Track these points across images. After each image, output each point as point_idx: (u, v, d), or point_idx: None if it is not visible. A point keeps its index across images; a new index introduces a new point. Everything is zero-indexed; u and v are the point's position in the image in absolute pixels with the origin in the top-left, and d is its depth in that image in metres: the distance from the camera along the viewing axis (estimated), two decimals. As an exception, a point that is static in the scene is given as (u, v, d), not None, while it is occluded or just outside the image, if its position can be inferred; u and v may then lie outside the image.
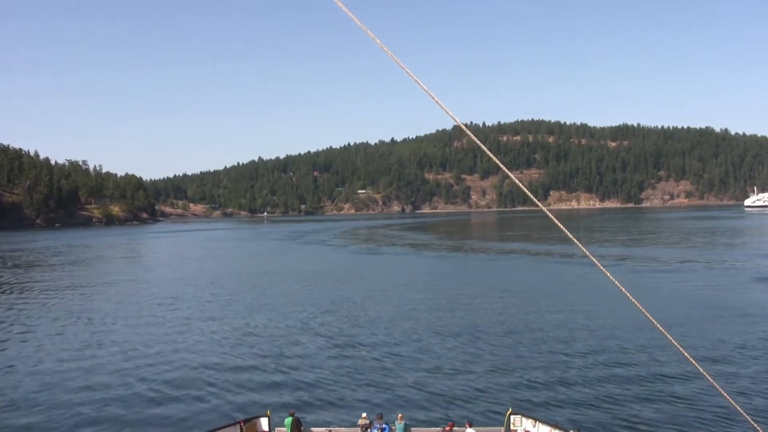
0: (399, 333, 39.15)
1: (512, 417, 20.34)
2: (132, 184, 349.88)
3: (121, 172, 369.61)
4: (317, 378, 29.57)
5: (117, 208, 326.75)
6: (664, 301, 47.86)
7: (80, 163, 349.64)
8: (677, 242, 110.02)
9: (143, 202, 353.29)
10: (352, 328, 41.04)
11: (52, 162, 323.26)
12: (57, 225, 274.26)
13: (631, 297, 11.47)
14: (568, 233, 11.09)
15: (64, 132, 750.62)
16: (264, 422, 20.90)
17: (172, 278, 73.51)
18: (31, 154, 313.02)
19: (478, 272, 73.26)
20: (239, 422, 20.44)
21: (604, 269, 11.41)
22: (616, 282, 11.48)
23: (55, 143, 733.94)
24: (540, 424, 19.93)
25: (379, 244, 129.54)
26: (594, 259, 11.35)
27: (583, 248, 11.26)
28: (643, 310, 11.45)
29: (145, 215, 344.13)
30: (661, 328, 11.72)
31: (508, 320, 42.46)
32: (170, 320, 45.99)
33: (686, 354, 12.01)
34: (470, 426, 19.84)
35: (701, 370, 12.18)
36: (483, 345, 35.46)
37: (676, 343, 11.95)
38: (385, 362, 32.25)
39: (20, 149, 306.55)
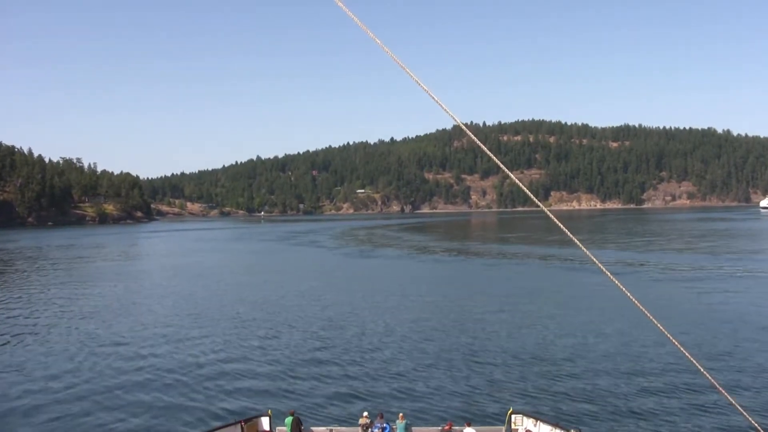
0: (400, 334, 38.76)
1: (513, 416, 20.34)
2: (127, 183, 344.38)
3: (118, 171, 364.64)
4: (318, 378, 29.45)
5: (111, 207, 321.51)
6: (674, 306, 45.67)
7: (74, 160, 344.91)
8: (695, 247, 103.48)
9: (138, 200, 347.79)
10: (352, 330, 40.41)
11: (47, 160, 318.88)
12: (49, 223, 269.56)
13: (630, 295, 11.04)
14: (569, 233, 10.66)
15: (61, 130, 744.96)
16: (265, 422, 20.89)
17: (158, 278, 70.12)
18: (25, 151, 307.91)
19: (478, 275, 70.21)
20: (240, 422, 20.44)
21: (602, 267, 10.88)
22: (616, 281, 11.03)
23: (51, 141, 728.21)
24: (541, 423, 19.89)
25: (375, 245, 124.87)
26: (594, 259, 10.92)
27: (581, 245, 10.70)
28: (642, 308, 11.07)
29: (139, 214, 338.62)
30: (662, 327, 11.26)
31: (509, 322, 41.97)
32: (164, 322, 44.80)
33: (693, 359, 11.70)
34: (469, 425, 19.88)
35: (708, 376, 11.83)
36: (484, 345, 35.29)
37: (678, 344, 11.44)
38: (386, 362, 32.00)
39: (13, 146, 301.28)
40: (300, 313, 46.60)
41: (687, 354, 11.49)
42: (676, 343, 11.32)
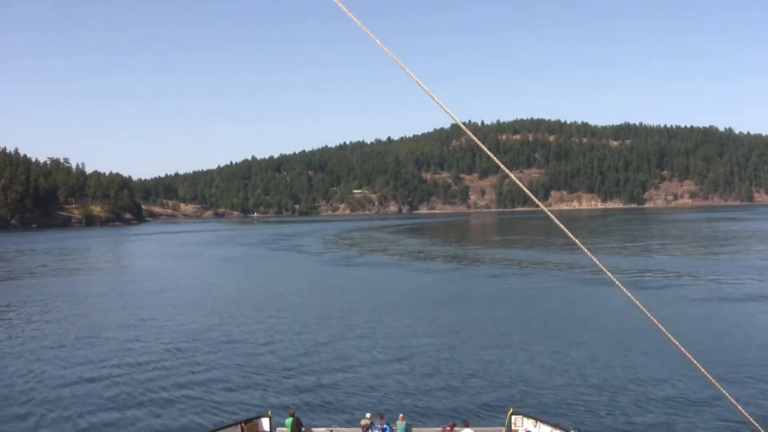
0: (399, 336, 38.65)
1: (513, 417, 20.25)
2: (116, 183, 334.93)
3: (111, 172, 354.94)
4: (318, 379, 29.51)
5: (99, 209, 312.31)
6: (679, 311, 44.53)
7: (62, 160, 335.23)
8: (724, 252, 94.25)
9: (127, 201, 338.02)
10: (352, 331, 40.32)
11: (33, 160, 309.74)
12: (33, 226, 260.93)
13: (628, 293, 10.91)
14: (570, 234, 10.46)
15: (51, 130, 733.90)
16: (265, 422, 20.89)
17: (150, 279, 65.15)
18: (10, 151, 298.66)
19: (478, 279, 67.60)
20: (240, 422, 20.46)
21: (599, 262, 10.61)
22: (617, 282, 10.91)
23: (41, 141, 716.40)
24: (541, 424, 19.83)
25: (371, 249, 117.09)
26: (588, 252, 10.62)
27: (579, 244, 10.49)
28: (642, 308, 10.91)
29: (129, 216, 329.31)
30: (664, 329, 11.12)
31: (509, 324, 41.81)
32: (157, 326, 44.44)
33: (695, 360, 11.47)
34: (467, 426, 19.87)
35: (710, 377, 11.70)
36: (484, 347, 35.26)
37: (680, 346, 11.24)
38: (386, 363, 32.00)
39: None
40: (298, 316, 46.61)
41: (690, 356, 11.11)
42: (678, 344, 10.89)
